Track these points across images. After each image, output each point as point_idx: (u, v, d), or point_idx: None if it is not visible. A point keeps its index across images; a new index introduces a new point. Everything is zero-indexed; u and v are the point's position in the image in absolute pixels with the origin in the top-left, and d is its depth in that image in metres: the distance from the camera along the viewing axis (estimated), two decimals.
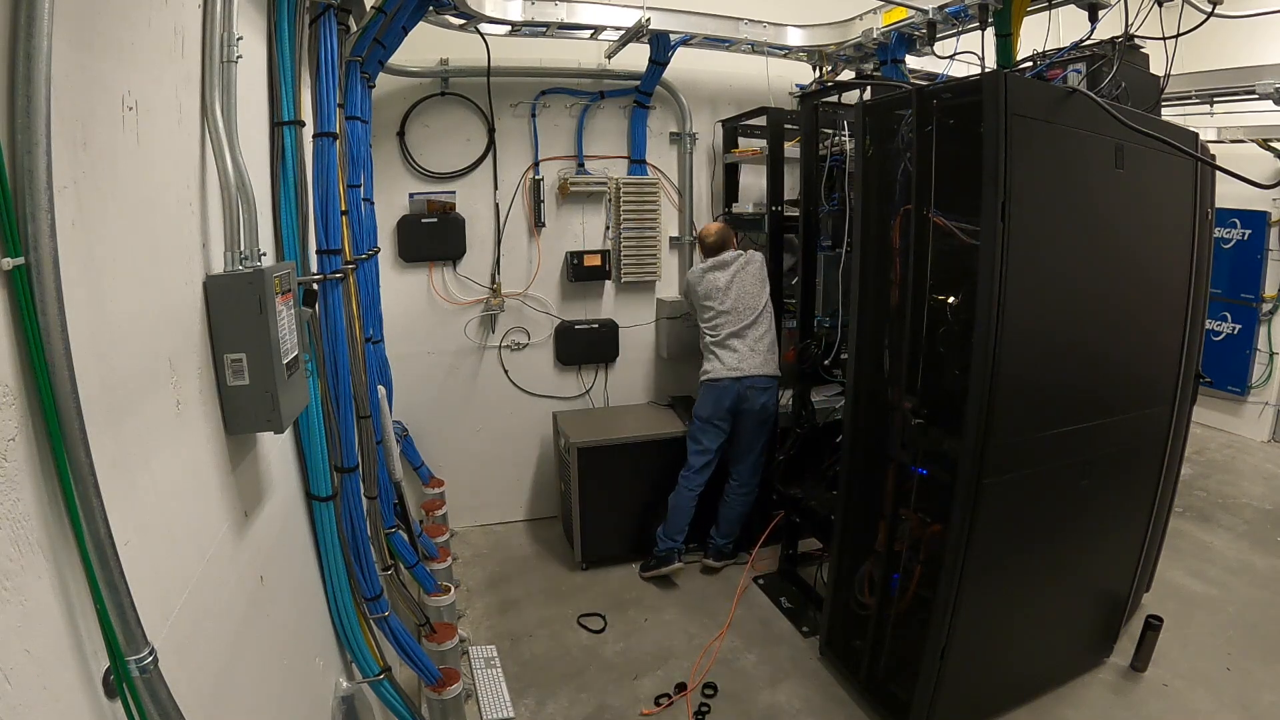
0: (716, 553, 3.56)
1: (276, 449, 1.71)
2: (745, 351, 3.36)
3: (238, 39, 1.40)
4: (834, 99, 3.37)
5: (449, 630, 2.55)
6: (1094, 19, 2.41)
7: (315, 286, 1.84)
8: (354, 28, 2.51)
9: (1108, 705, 2.57)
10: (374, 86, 3.01)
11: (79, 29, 0.93)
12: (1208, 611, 3.14)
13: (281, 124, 1.73)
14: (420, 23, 2.77)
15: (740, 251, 3.47)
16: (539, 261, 3.94)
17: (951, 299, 2.18)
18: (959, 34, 2.96)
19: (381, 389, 2.76)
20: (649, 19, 3.21)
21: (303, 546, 1.85)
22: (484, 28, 3.24)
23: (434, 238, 3.70)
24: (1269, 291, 5.23)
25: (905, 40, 3.26)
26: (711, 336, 3.43)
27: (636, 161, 3.99)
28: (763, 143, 3.77)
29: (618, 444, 3.52)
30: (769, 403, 3.40)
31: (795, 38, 3.68)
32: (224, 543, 1.34)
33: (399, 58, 3.13)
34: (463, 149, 3.74)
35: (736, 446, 3.46)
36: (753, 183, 4.11)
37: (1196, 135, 2.58)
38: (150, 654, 0.88)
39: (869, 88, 2.96)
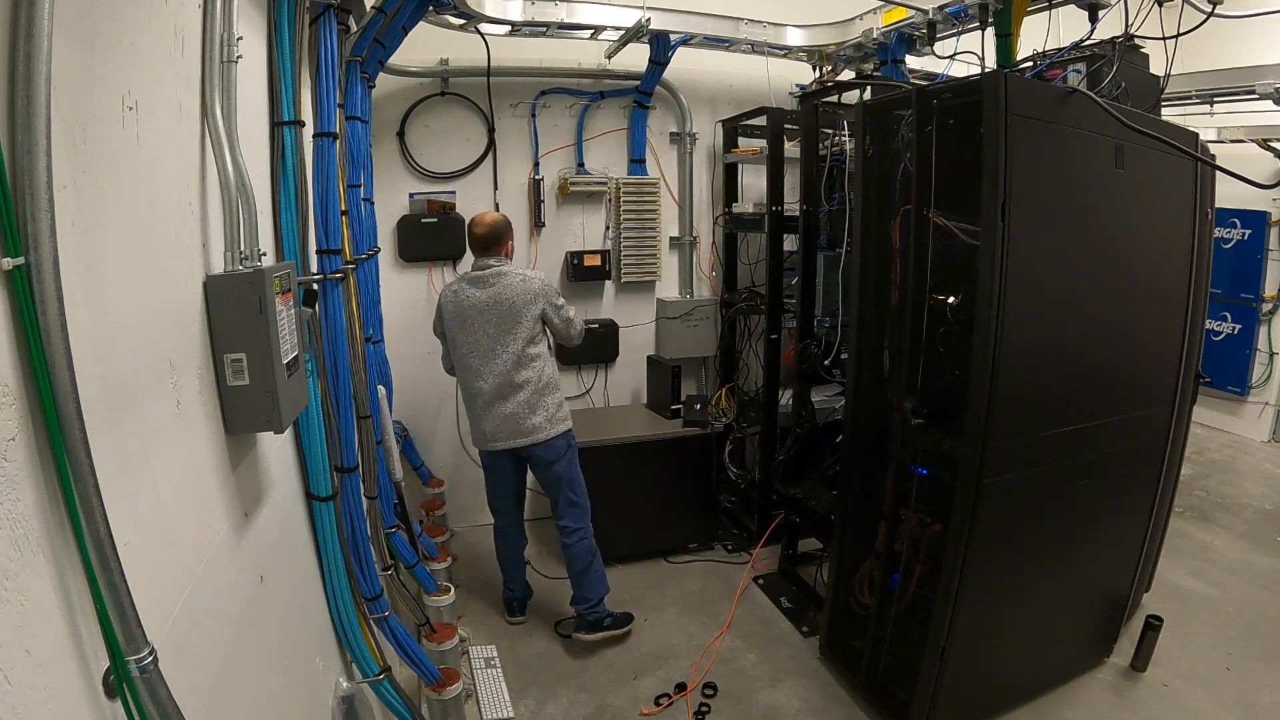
0: (580, 624, 2.97)
1: (276, 449, 1.71)
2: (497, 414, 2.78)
3: (238, 39, 1.40)
4: (834, 99, 3.37)
5: (449, 630, 2.55)
6: (1094, 19, 2.41)
7: (315, 286, 1.85)
8: (354, 28, 2.51)
9: (1108, 705, 2.57)
10: (374, 86, 3.01)
11: (79, 28, 0.93)
12: (1208, 611, 3.14)
13: (281, 124, 1.73)
14: (420, 23, 2.77)
15: (508, 266, 2.79)
16: (539, 261, 3.94)
17: (951, 299, 2.18)
18: (959, 34, 2.96)
19: (381, 389, 2.76)
20: (649, 19, 3.21)
21: (303, 546, 1.85)
22: (484, 28, 3.24)
23: (434, 238, 3.70)
24: (1269, 291, 5.23)
25: (905, 40, 3.26)
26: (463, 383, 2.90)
27: (636, 161, 4.00)
28: (763, 143, 3.77)
29: (618, 444, 3.52)
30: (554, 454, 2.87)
31: (795, 38, 3.68)
32: (224, 543, 1.34)
33: (399, 58, 3.13)
34: (463, 149, 3.74)
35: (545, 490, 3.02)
36: (753, 183, 4.12)
37: (1196, 135, 2.58)
38: (150, 654, 0.88)
39: (869, 88, 2.96)
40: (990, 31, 2.38)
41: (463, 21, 3.11)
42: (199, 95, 1.35)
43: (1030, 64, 2.47)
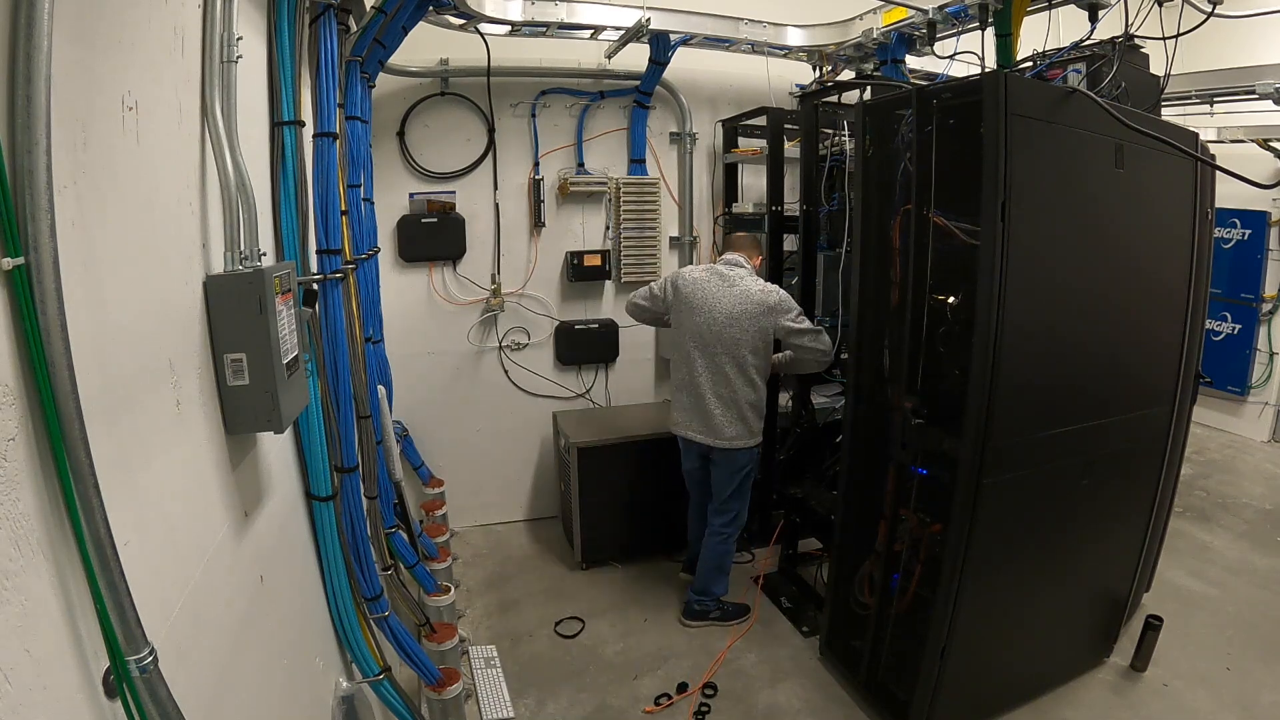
0: (688, 610, 3.16)
1: (276, 449, 1.71)
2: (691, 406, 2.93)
3: (238, 39, 1.40)
4: (834, 99, 3.37)
5: (449, 630, 2.55)
6: (1094, 19, 2.41)
7: (315, 286, 1.85)
8: (354, 27, 2.51)
9: (1108, 705, 2.57)
10: (374, 86, 3.01)
11: (79, 28, 0.93)
12: (1208, 611, 3.14)
13: (281, 124, 1.73)
14: (420, 23, 2.77)
15: (751, 271, 2.97)
16: (539, 261, 3.94)
17: (951, 299, 2.18)
18: (959, 34, 2.96)
19: (381, 389, 2.76)
20: (649, 19, 3.21)
21: (303, 546, 1.85)
22: (484, 28, 3.24)
23: (434, 238, 3.70)
24: (1269, 291, 5.23)
25: (905, 40, 3.26)
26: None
27: (636, 161, 3.99)
28: (763, 143, 3.77)
29: (618, 444, 3.52)
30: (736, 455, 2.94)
31: (795, 38, 3.68)
32: (224, 543, 1.34)
33: (399, 58, 3.13)
34: (463, 149, 3.74)
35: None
36: (753, 183, 4.12)
37: (1196, 135, 2.58)
38: (150, 654, 0.88)
39: (869, 88, 2.96)
40: (990, 31, 2.39)
41: (463, 21, 3.11)
42: (199, 95, 1.35)
43: (1030, 64, 2.47)
